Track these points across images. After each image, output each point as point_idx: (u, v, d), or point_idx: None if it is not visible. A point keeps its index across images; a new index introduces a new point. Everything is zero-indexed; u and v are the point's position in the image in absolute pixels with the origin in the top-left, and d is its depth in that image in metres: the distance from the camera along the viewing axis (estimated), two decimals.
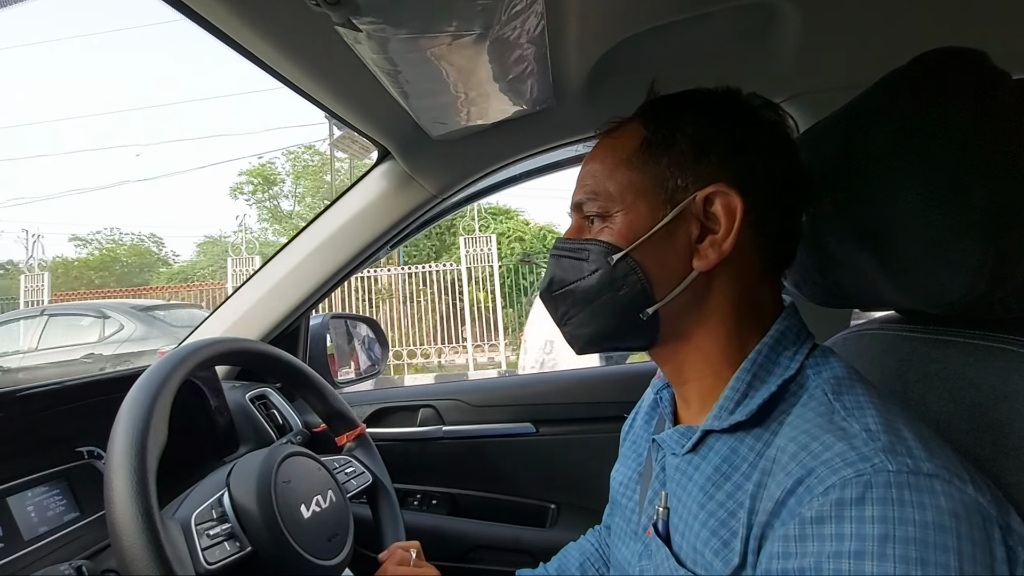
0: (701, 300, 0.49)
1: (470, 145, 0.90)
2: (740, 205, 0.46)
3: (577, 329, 0.53)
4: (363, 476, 0.77)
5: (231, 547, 0.51)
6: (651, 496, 0.53)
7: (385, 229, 1.04)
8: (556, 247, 0.54)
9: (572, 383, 1.20)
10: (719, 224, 0.47)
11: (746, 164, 0.48)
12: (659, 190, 0.49)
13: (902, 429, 0.39)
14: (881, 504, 0.34)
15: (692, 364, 0.51)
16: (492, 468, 1.16)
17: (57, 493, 0.77)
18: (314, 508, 0.59)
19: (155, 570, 0.42)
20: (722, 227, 0.47)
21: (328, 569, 0.57)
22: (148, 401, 0.50)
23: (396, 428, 1.20)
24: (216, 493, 0.55)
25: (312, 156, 13.83)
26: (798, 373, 0.46)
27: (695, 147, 0.48)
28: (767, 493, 0.40)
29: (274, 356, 0.74)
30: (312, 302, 1.11)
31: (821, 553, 0.35)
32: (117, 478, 0.45)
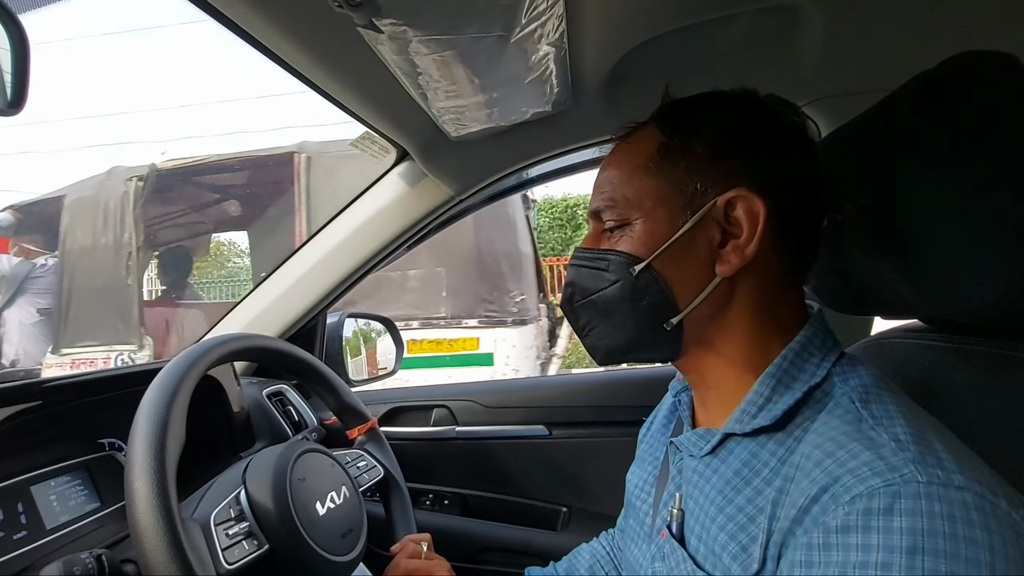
0: (724, 307, 0.48)
1: (488, 146, 0.91)
2: (763, 209, 0.45)
3: (599, 340, 0.52)
4: (375, 470, 0.78)
5: (249, 546, 0.51)
6: (666, 498, 0.53)
7: (402, 229, 1.04)
8: (575, 256, 0.53)
9: (586, 386, 1.19)
10: (741, 229, 0.46)
11: (766, 167, 0.47)
12: (678, 195, 0.48)
13: (932, 440, 0.38)
14: (910, 516, 0.33)
15: (714, 369, 0.51)
16: (504, 470, 1.16)
17: (79, 483, 0.78)
18: (329, 505, 0.59)
19: (177, 572, 0.43)
20: (744, 231, 0.46)
21: (343, 565, 0.57)
22: (167, 401, 0.51)
23: (409, 428, 1.21)
24: (233, 491, 0.55)
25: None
26: (824, 380, 0.45)
27: (713, 150, 0.47)
28: (790, 500, 0.39)
29: (289, 352, 0.75)
30: (329, 301, 1.12)
31: (846, 563, 0.34)
32: (138, 481, 0.45)
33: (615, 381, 1.20)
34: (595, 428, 1.13)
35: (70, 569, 0.48)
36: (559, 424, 1.15)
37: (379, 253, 1.07)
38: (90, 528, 0.75)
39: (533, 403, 1.17)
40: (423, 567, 0.68)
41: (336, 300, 1.13)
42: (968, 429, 0.47)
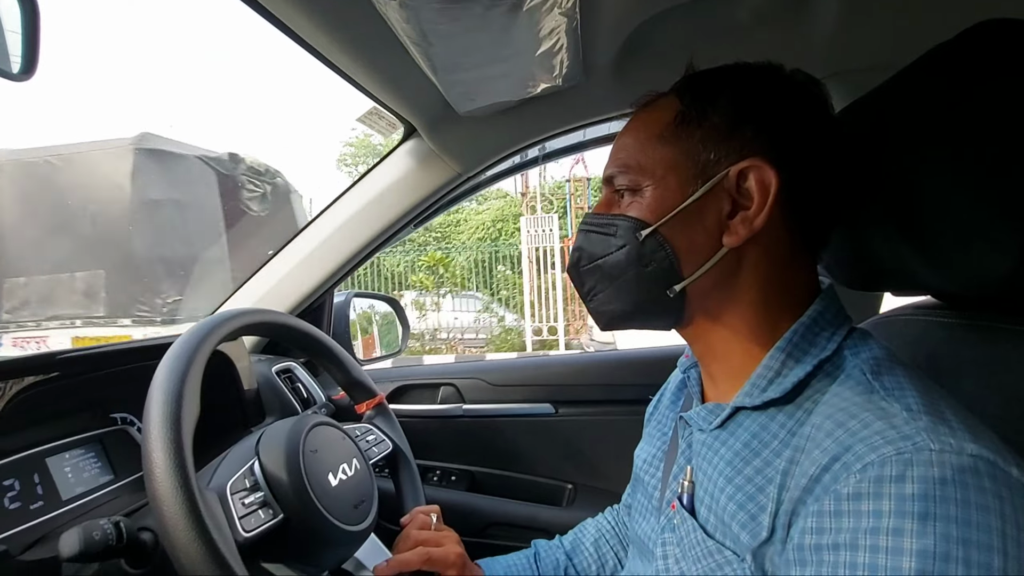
0: (730, 278, 0.48)
1: (497, 123, 0.90)
2: (774, 180, 0.45)
3: (603, 305, 0.53)
4: (384, 444, 0.79)
5: (265, 515, 0.52)
6: (676, 472, 0.53)
7: (410, 207, 1.04)
8: (585, 221, 0.54)
9: (592, 365, 1.20)
10: (751, 200, 0.46)
11: (783, 139, 0.47)
12: (690, 164, 0.48)
13: (944, 410, 0.38)
14: (922, 482, 0.33)
15: (721, 343, 0.51)
16: (511, 447, 1.17)
17: (92, 456, 0.79)
18: (340, 476, 0.60)
19: (197, 540, 0.43)
20: (755, 203, 0.46)
21: (356, 535, 0.58)
22: (180, 373, 0.51)
23: (417, 405, 1.22)
24: (247, 462, 0.56)
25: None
26: (835, 354, 0.45)
27: (730, 120, 0.47)
28: (800, 470, 0.40)
29: (299, 328, 0.75)
30: (337, 279, 1.12)
31: (857, 529, 0.34)
32: (155, 451, 0.46)
33: (621, 360, 1.20)
34: (601, 406, 1.14)
35: (89, 534, 0.48)
36: (565, 402, 1.15)
37: (386, 231, 1.07)
38: (104, 499, 0.76)
39: (539, 381, 1.18)
40: (433, 537, 0.69)
41: (343, 279, 1.14)
42: (977, 404, 0.47)
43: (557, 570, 0.75)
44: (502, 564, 0.74)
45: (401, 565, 0.65)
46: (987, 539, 0.31)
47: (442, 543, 0.69)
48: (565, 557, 0.76)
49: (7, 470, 0.67)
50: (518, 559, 0.76)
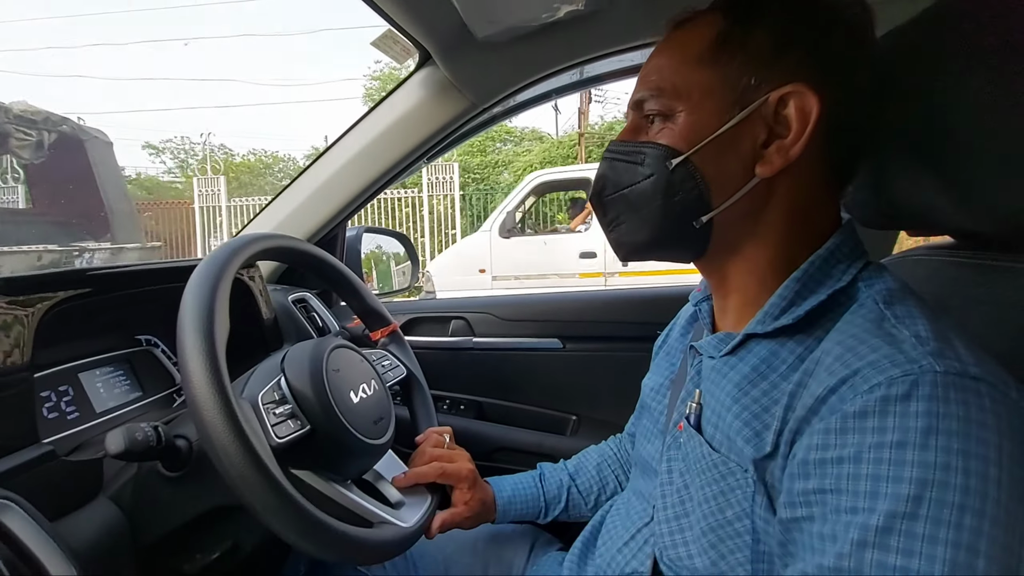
0: (758, 210, 0.48)
1: (516, 49, 0.87)
2: (816, 108, 0.44)
3: (625, 236, 0.52)
4: (398, 370, 0.82)
5: (294, 425, 0.55)
6: (684, 396, 0.55)
7: (422, 139, 1.02)
8: (610, 149, 0.52)
9: (601, 302, 1.22)
10: (789, 128, 0.45)
11: (828, 64, 0.45)
12: (729, 89, 0.46)
13: (952, 338, 0.39)
14: (927, 401, 0.35)
15: (738, 274, 0.51)
16: (518, 379, 1.21)
17: (121, 374, 0.83)
18: (361, 395, 0.63)
19: (236, 442, 0.45)
20: (792, 131, 0.45)
21: (377, 447, 0.61)
22: (211, 288, 0.52)
23: (428, 337, 1.25)
24: (274, 378, 0.58)
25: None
26: (849, 286, 0.46)
27: (775, 42, 0.45)
28: (807, 391, 0.41)
29: (318, 255, 0.76)
30: (349, 211, 1.12)
31: (862, 444, 0.36)
32: (192, 360, 0.47)
33: (629, 298, 1.22)
34: (607, 343, 1.17)
35: (132, 435, 0.51)
36: (573, 338, 1.18)
37: (398, 164, 1.06)
38: (135, 414, 0.80)
39: (548, 317, 1.20)
40: (447, 454, 0.74)
41: (356, 210, 1.14)
42: (984, 341, 0.48)
43: (560, 490, 0.79)
44: (509, 483, 0.79)
45: (417, 477, 0.69)
46: (984, 451, 0.33)
47: (455, 460, 0.73)
48: (568, 478, 0.81)
49: (44, 383, 0.70)
50: (524, 479, 0.80)
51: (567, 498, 0.79)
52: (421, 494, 0.70)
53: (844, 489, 0.36)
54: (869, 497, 0.34)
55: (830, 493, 0.36)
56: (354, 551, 0.53)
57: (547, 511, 0.78)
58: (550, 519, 0.79)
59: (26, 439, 0.57)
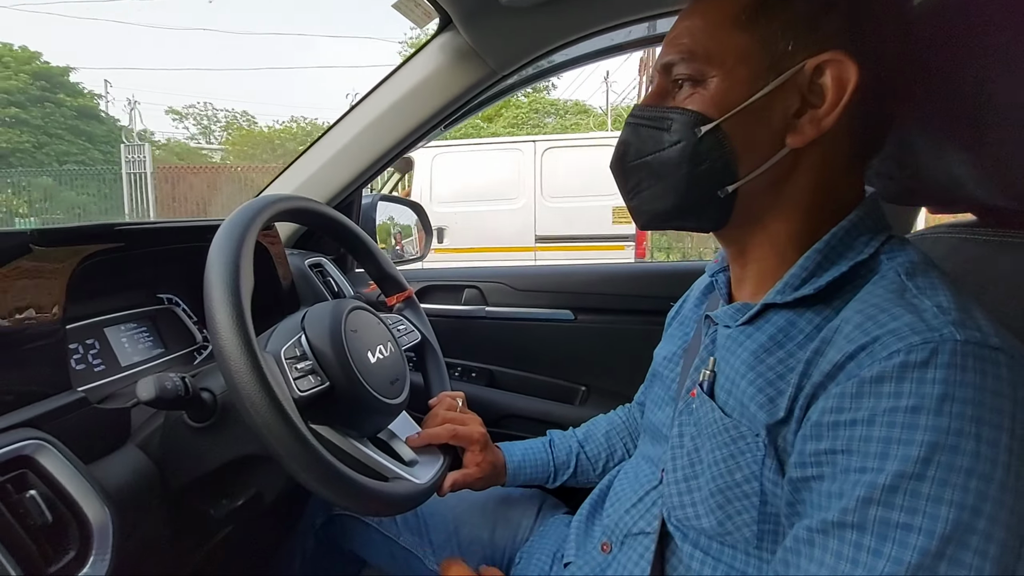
0: (783, 180, 0.47)
1: (538, 16, 0.86)
2: (854, 77, 0.42)
3: (646, 204, 0.51)
4: (413, 335, 0.83)
5: (314, 380, 0.56)
6: (698, 364, 0.55)
7: (441, 106, 1.02)
8: (634, 114, 0.51)
9: (613, 275, 1.22)
10: (823, 98, 0.44)
11: (870, 32, 0.43)
12: (765, 55, 0.44)
13: (973, 309, 0.39)
14: (945, 368, 0.35)
15: (758, 245, 0.51)
16: (529, 349, 1.23)
17: (144, 331, 0.86)
18: (378, 356, 0.65)
19: (261, 392, 0.47)
20: (827, 101, 0.44)
21: (393, 406, 0.63)
22: (236, 244, 0.54)
23: (441, 305, 1.27)
24: (295, 335, 0.60)
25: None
26: (871, 258, 0.45)
27: (817, 6, 0.43)
28: (825, 359, 0.41)
29: (338, 219, 0.77)
30: (366, 177, 1.13)
31: (876, 407, 0.36)
32: (219, 313, 0.49)
33: (641, 272, 1.22)
34: (618, 315, 1.18)
35: (163, 384, 0.53)
36: (584, 309, 1.19)
37: (416, 130, 1.06)
38: (158, 369, 0.83)
39: (561, 288, 1.21)
40: (459, 417, 0.75)
41: (374, 176, 1.14)
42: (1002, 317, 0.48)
43: (569, 456, 0.81)
44: (520, 448, 0.81)
45: (430, 437, 0.72)
46: (998, 419, 0.34)
47: (467, 423, 0.75)
48: (577, 445, 0.83)
49: (73, 335, 0.73)
50: (534, 444, 0.82)
51: (576, 464, 0.81)
52: (434, 454, 0.72)
53: (855, 450, 0.36)
54: (879, 458, 0.35)
55: (840, 454, 0.37)
56: (370, 501, 0.55)
57: (556, 476, 0.80)
58: (559, 484, 0.81)
59: (60, 386, 0.59)
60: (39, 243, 0.58)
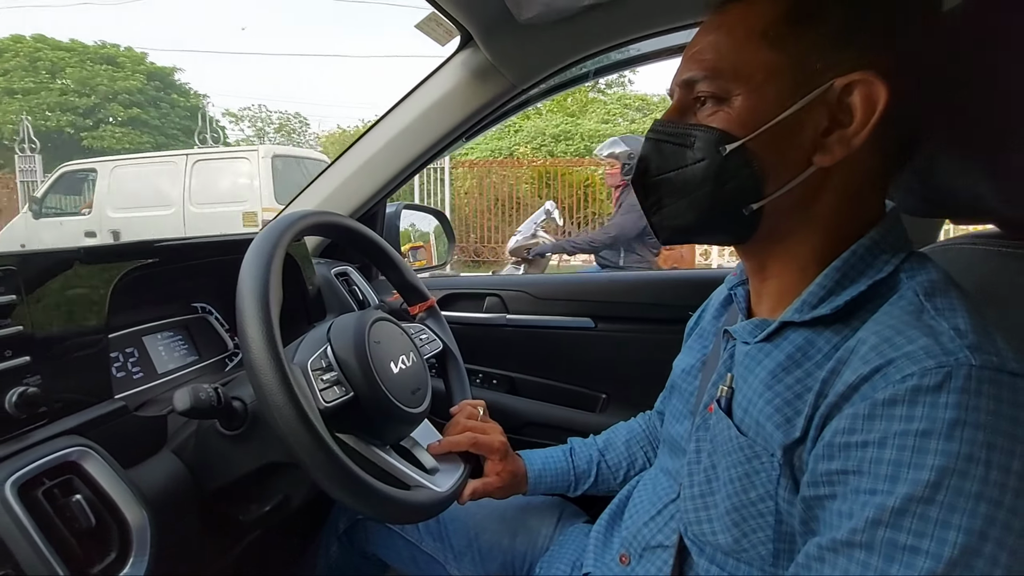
0: (809, 199, 0.46)
1: (557, 31, 0.87)
2: (884, 97, 0.42)
3: (667, 220, 0.50)
4: (435, 343, 0.85)
5: (339, 391, 0.58)
6: (715, 379, 0.55)
7: (462, 119, 1.04)
8: (654, 130, 0.50)
9: (632, 284, 1.22)
10: (853, 116, 0.43)
11: (900, 51, 0.43)
12: (796, 72, 0.43)
13: (992, 332, 0.38)
14: (958, 393, 0.35)
15: (778, 261, 0.50)
16: (550, 357, 1.23)
17: (180, 339, 0.90)
18: (400, 365, 0.67)
19: (289, 404, 0.50)
20: (856, 120, 0.43)
21: (414, 415, 0.65)
22: (266, 261, 0.56)
23: (463, 313, 1.29)
24: (321, 347, 0.62)
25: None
26: (890, 276, 0.44)
27: (847, 24, 0.42)
28: (840, 379, 0.41)
29: (361, 231, 0.80)
30: (390, 189, 1.15)
31: (888, 430, 0.36)
32: (251, 328, 0.51)
33: (662, 280, 1.22)
34: (639, 323, 1.18)
35: (197, 395, 0.56)
36: (605, 318, 1.19)
37: (438, 143, 1.08)
38: (192, 376, 0.87)
39: (581, 297, 1.21)
40: (480, 426, 0.77)
41: (397, 188, 1.17)
42: None
43: (590, 464, 0.81)
44: (540, 456, 0.82)
45: (451, 445, 0.73)
46: (1011, 445, 0.34)
47: (488, 432, 0.76)
48: (598, 453, 0.83)
49: (114, 344, 0.77)
50: (555, 453, 0.83)
51: (596, 472, 0.81)
52: (455, 462, 0.74)
53: (866, 471, 0.37)
54: (889, 480, 0.35)
55: (852, 474, 0.37)
56: (392, 510, 0.57)
57: (576, 485, 0.81)
58: (579, 493, 0.81)
59: (102, 394, 0.63)
60: (85, 260, 0.62)
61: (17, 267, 0.56)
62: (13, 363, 0.53)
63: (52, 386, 0.57)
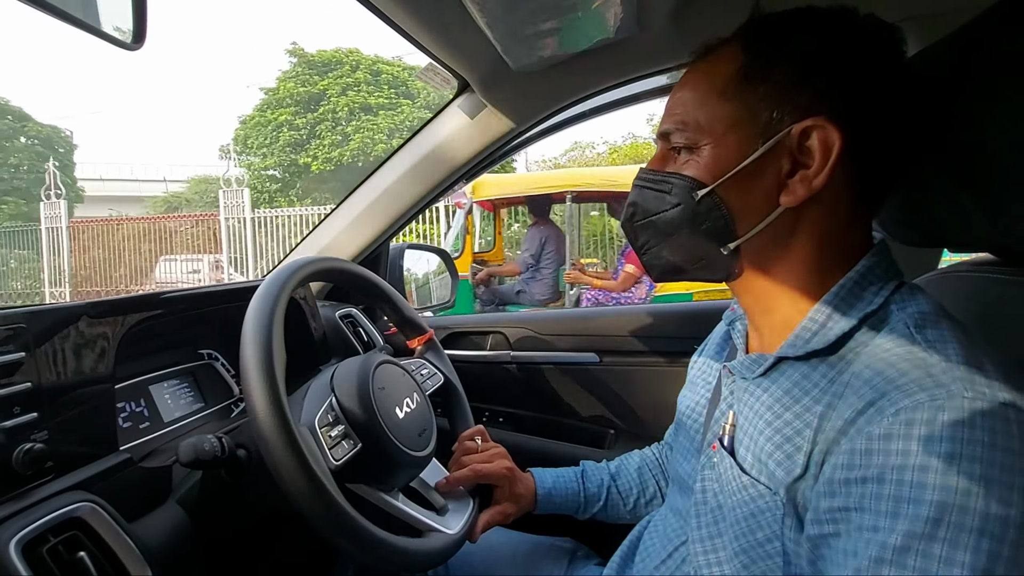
0: (786, 236, 0.48)
1: (550, 76, 0.90)
2: (838, 141, 0.44)
3: (656, 259, 0.54)
4: (436, 377, 0.86)
5: (347, 446, 0.58)
6: (718, 416, 0.56)
7: (463, 161, 1.07)
8: (640, 177, 0.54)
9: (636, 318, 1.22)
10: (812, 159, 0.45)
11: (851, 95, 0.45)
12: (753, 122, 0.47)
13: (984, 362, 0.39)
14: (952, 427, 0.35)
15: (770, 297, 0.51)
16: (556, 393, 1.23)
17: (186, 386, 0.90)
18: (406, 409, 0.67)
19: (300, 470, 0.50)
20: (815, 162, 0.45)
21: (421, 459, 0.65)
22: (267, 319, 0.56)
23: (467, 351, 1.29)
24: (326, 399, 0.62)
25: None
26: (881, 308, 0.45)
27: (797, 74, 0.46)
28: (836, 414, 0.41)
29: (356, 272, 0.80)
30: (393, 231, 1.18)
31: (885, 465, 0.36)
32: (257, 397, 0.51)
33: (665, 313, 1.22)
34: (644, 357, 1.17)
35: (201, 445, 0.56)
36: (609, 352, 1.19)
37: (441, 184, 1.11)
38: (198, 423, 0.87)
39: (585, 332, 1.22)
40: (481, 456, 0.76)
41: (399, 231, 1.19)
42: None
43: (600, 488, 0.80)
44: (551, 475, 0.80)
45: (457, 481, 0.72)
46: (1009, 478, 0.33)
47: (491, 459, 0.76)
48: (609, 478, 0.82)
49: (120, 395, 0.77)
50: (566, 473, 0.81)
51: (606, 497, 0.80)
52: (463, 498, 0.73)
53: (867, 508, 0.36)
54: (890, 517, 0.35)
55: (854, 511, 0.37)
56: (405, 561, 0.56)
57: (586, 507, 0.79)
58: (588, 516, 0.80)
59: (108, 447, 0.63)
60: (92, 315, 0.63)
61: (27, 324, 0.57)
62: (21, 419, 0.54)
63: (59, 440, 0.57)
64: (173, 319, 0.78)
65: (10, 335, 0.55)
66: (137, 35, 0.47)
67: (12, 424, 0.53)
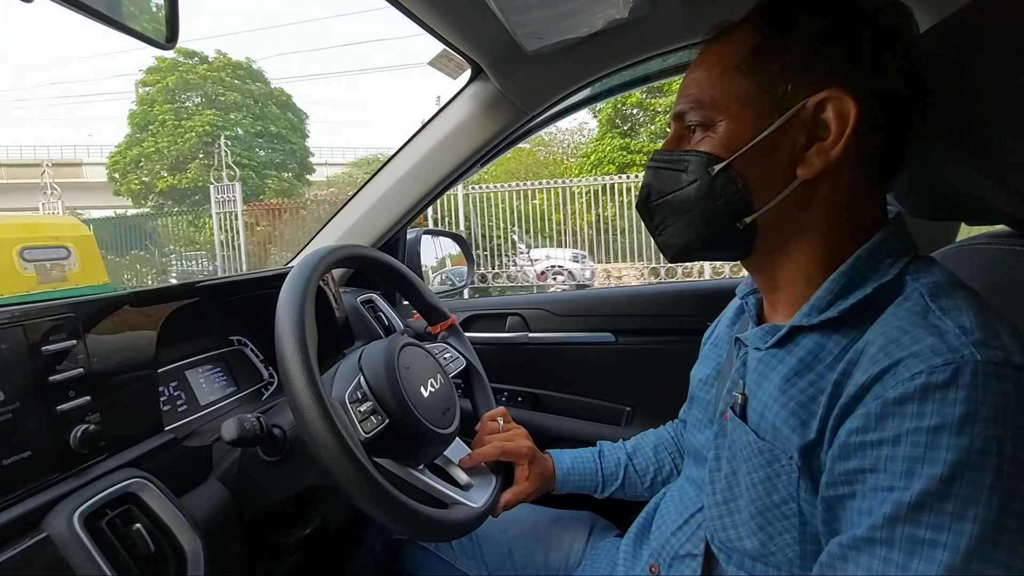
0: (801, 209, 0.49)
1: (563, 59, 0.91)
2: (854, 111, 0.45)
3: (671, 239, 0.54)
4: (458, 361, 0.89)
5: (376, 420, 0.62)
6: (730, 386, 0.57)
7: (477, 147, 1.08)
8: (654, 158, 0.55)
9: (653, 297, 1.24)
10: (828, 131, 0.46)
11: (864, 68, 0.46)
12: (767, 98, 0.48)
13: (998, 329, 0.39)
14: (966, 389, 0.36)
15: (785, 272, 0.52)
16: (573, 372, 1.25)
17: (219, 371, 0.94)
18: (430, 389, 0.69)
19: (334, 440, 0.53)
20: (832, 134, 0.46)
21: (446, 435, 0.68)
22: (300, 301, 0.60)
23: (486, 333, 1.31)
24: (354, 378, 0.65)
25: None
26: (896, 279, 0.46)
27: (810, 50, 0.46)
28: (852, 380, 0.42)
29: (382, 259, 0.83)
30: (409, 217, 1.20)
31: (900, 428, 0.37)
32: (293, 371, 0.55)
33: (679, 292, 1.23)
34: (659, 335, 1.19)
35: (243, 425, 0.60)
36: (625, 331, 1.21)
37: (455, 171, 1.12)
38: (232, 406, 0.91)
39: (601, 312, 1.23)
40: (504, 434, 0.79)
41: (416, 216, 1.21)
42: None
43: (618, 468, 0.83)
44: (569, 455, 0.83)
45: (480, 456, 0.75)
46: (1021, 437, 0.35)
47: (513, 438, 0.78)
48: (626, 457, 0.84)
49: (160, 379, 0.81)
50: (584, 453, 0.84)
51: (624, 476, 0.82)
52: (486, 475, 0.76)
53: (882, 468, 0.38)
54: (904, 476, 0.37)
55: (869, 472, 0.39)
56: (434, 529, 0.60)
57: (604, 486, 0.82)
58: (606, 495, 0.82)
59: (154, 428, 0.67)
60: (135, 304, 0.67)
61: (76, 313, 0.60)
62: (77, 403, 0.57)
63: (110, 422, 0.61)
64: (206, 307, 0.82)
65: (60, 324, 0.59)
66: (170, 36, 0.50)
67: (69, 407, 0.57)
